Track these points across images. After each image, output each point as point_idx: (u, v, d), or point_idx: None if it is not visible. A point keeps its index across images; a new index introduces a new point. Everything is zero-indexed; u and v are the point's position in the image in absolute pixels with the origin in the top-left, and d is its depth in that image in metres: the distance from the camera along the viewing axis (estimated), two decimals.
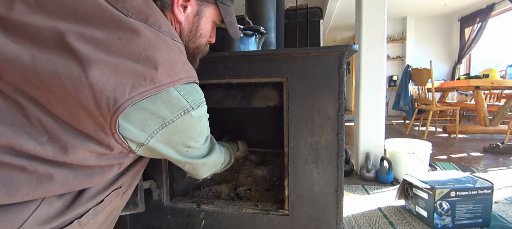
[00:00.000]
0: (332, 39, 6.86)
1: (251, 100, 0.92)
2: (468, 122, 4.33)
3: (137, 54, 0.45)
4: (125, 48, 0.44)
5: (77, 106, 0.41)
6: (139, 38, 0.46)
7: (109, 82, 0.42)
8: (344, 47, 0.74)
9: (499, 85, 2.82)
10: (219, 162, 0.73)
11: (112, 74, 0.42)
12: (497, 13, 4.58)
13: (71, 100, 0.41)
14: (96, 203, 0.52)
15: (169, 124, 0.49)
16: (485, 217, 1.05)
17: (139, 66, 0.44)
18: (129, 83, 0.43)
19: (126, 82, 0.43)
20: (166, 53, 0.48)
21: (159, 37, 0.49)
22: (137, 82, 0.44)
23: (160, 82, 0.45)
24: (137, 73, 0.44)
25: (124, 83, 0.43)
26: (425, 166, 1.56)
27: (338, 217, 0.81)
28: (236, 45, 0.91)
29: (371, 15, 1.66)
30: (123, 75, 0.43)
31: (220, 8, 0.64)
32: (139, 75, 0.44)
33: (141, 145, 0.49)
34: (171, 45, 0.51)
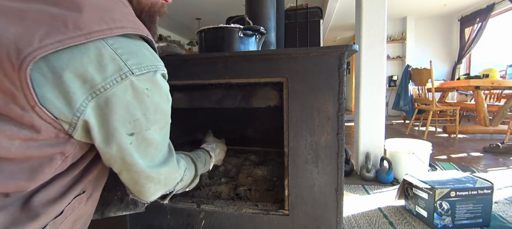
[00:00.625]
0: (332, 39, 6.86)
1: (251, 100, 0.92)
2: (468, 122, 4.33)
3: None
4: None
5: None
6: None
7: (9, 29, 0.32)
8: (344, 47, 0.74)
9: (499, 85, 2.82)
10: (173, 178, 0.54)
11: (16, 21, 0.33)
12: (497, 13, 4.58)
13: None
14: (54, 216, 0.40)
15: (101, 93, 0.36)
16: (485, 217, 1.05)
17: (56, 9, 0.34)
18: (41, 29, 0.33)
19: (36, 28, 0.33)
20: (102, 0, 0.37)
21: None
22: (54, 28, 0.33)
23: (89, 28, 0.35)
24: (52, 16, 0.34)
25: (32, 29, 0.33)
26: (425, 166, 1.57)
27: (338, 217, 0.81)
28: (236, 45, 0.91)
29: (371, 15, 1.66)
30: (32, 21, 0.33)
31: None
32: (56, 18, 0.34)
33: (73, 124, 0.37)
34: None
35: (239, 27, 0.90)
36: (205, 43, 0.94)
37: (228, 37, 0.90)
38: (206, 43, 0.94)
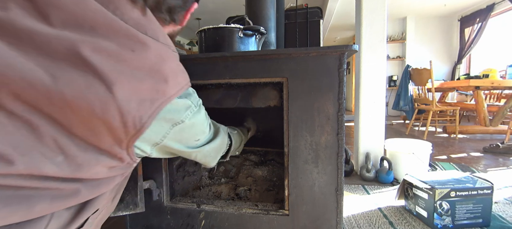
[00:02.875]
0: (332, 39, 6.86)
1: (251, 100, 0.92)
2: (468, 122, 4.33)
3: (150, 68, 0.45)
4: (140, 62, 0.44)
5: (100, 125, 0.41)
6: (150, 51, 0.46)
7: (133, 100, 0.42)
8: (344, 47, 0.74)
9: (499, 85, 2.82)
10: (223, 144, 0.75)
11: (134, 92, 0.43)
12: (497, 13, 4.58)
13: (96, 119, 0.40)
14: (93, 212, 0.52)
15: (179, 124, 0.52)
16: (485, 217, 1.05)
17: (153, 80, 0.45)
18: (148, 98, 0.44)
19: (146, 98, 0.44)
20: (171, 64, 0.49)
21: (162, 48, 0.49)
22: (154, 97, 0.45)
23: (169, 94, 0.47)
24: (152, 88, 0.45)
25: (145, 99, 0.44)
26: (425, 166, 1.57)
27: (338, 217, 0.81)
28: (236, 45, 0.91)
29: (371, 15, 1.66)
30: (143, 92, 0.44)
31: None
32: (154, 90, 0.45)
33: (155, 145, 0.52)
34: (172, 55, 0.52)
35: (239, 27, 0.90)
36: (205, 43, 0.94)
37: (228, 37, 0.90)
38: (206, 43, 0.94)
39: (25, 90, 0.36)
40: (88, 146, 0.42)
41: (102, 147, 0.43)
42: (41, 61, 0.38)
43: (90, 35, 0.41)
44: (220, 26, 0.90)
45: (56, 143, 0.39)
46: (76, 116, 0.39)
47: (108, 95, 0.40)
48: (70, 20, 0.40)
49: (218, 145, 0.71)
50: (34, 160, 0.37)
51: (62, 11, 0.40)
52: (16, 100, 0.36)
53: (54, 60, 0.38)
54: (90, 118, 0.40)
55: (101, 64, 0.40)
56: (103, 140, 0.42)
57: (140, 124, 0.44)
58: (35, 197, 0.38)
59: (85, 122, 0.40)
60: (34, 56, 0.37)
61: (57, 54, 0.38)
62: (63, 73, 0.38)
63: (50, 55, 0.38)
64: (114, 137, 0.43)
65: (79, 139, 0.41)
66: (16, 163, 0.35)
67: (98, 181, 0.47)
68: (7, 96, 0.35)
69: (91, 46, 0.40)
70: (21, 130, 0.37)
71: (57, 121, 0.39)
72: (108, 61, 0.41)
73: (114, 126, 0.41)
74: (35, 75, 0.36)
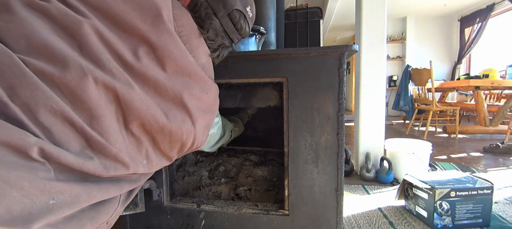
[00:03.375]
0: (332, 39, 6.86)
1: (251, 100, 0.92)
2: (468, 122, 4.33)
3: (211, 103, 0.62)
4: (208, 101, 0.61)
5: (179, 144, 0.55)
6: (213, 91, 0.63)
7: (201, 129, 0.59)
8: (344, 47, 0.74)
9: (499, 85, 2.82)
10: (227, 138, 0.94)
11: (202, 122, 0.59)
12: (497, 13, 4.58)
13: (180, 141, 0.55)
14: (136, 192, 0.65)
15: (209, 134, 0.69)
16: (485, 217, 1.05)
17: (211, 112, 0.63)
18: (207, 125, 0.63)
19: (207, 125, 0.62)
20: (216, 93, 0.66)
21: (215, 87, 0.65)
22: (209, 123, 0.64)
23: (214, 116, 0.66)
24: (210, 118, 0.63)
25: (206, 126, 0.62)
26: (425, 166, 1.57)
27: (338, 217, 0.81)
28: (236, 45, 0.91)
29: (371, 15, 1.66)
30: (206, 121, 0.61)
31: None
32: (211, 119, 0.64)
33: None
34: (216, 85, 0.66)
35: None
36: None
37: None
38: None
39: (151, 123, 0.50)
40: (161, 155, 0.55)
41: (169, 155, 0.56)
42: (158, 100, 0.52)
43: (187, 81, 0.55)
44: None
45: (146, 153, 0.52)
46: (169, 139, 0.53)
47: (192, 128, 0.56)
48: (178, 69, 0.54)
49: (223, 141, 0.92)
50: (136, 164, 0.49)
51: (173, 62, 0.53)
52: (141, 128, 0.50)
53: (165, 101, 0.53)
54: (176, 141, 0.54)
55: (192, 107, 0.56)
56: (173, 152, 0.56)
57: (201, 144, 0.61)
58: (123, 181, 0.50)
59: (172, 143, 0.54)
60: (153, 96, 0.51)
61: (168, 97, 0.53)
62: (171, 111, 0.53)
63: (163, 97, 0.52)
64: (180, 150, 0.57)
65: (160, 151, 0.54)
66: (130, 168, 0.47)
67: (151, 173, 0.59)
68: (135, 124, 0.49)
69: (188, 93, 0.55)
70: (133, 145, 0.50)
71: (154, 141, 0.52)
72: (195, 103, 0.56)
73: (187, 145, 0.57)
74: (159, 114, 0.51)
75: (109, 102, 0.46)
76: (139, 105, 0.48)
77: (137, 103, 0.48)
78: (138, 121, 0.49)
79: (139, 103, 0.48)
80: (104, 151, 0.44)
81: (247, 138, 1.40)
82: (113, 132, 0.46)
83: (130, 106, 0.48)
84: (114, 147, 0.45)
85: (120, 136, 0.47)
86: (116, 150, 0.45)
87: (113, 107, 0.47)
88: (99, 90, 0.44)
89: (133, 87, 0.48)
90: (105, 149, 0.44)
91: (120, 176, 0.49)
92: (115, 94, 0.46)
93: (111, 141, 0.45)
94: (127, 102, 0.47)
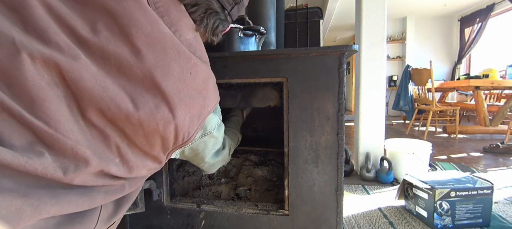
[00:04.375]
0: (332, 39, 6.86)
1: (251, 100, 0.92)
2: (468, 122, 4.33)
3: (200, 86, 0.51)
4: (195, 82, 0.50)
5: (158, 138, 0.47)
6: (201, 71, 0.51)
7: (186, 119, 0.49)
8: (344, 47, 0.74)
9: (499, 85, 2.82)
10: (226, 155, 0.81)
11: (188, 110, 0.49)
12: (497, 13, 4.58)
13: (157, 134, 0.46)
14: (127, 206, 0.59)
15: (207, 135, 0.61)
16: (485, 217, 1.05)
17: (201, 97, 0.51)
18: (196, 115, 0.51)
19: (195, 114, 0.51)
20: (212, 81, 0.56)
21: (206, 68, 0.55)
22: (200, 112, 0.52)
23: (210, 108, 0.55)
24: (201, 104, 0.51)
25: (194, 116, 0.50)
26: (425, 166, 1.57)
27: (338, 217, 0.81)
28: (236, 45, 0.91)
29: (371, 15, 1.66)
30: (194, 109, 0.50)
31: None
32: (202, 106, 0.52)
33: (182, 149, 0.58)
34: (211, 73, 0.57)
35: (239, 27, 0.90)
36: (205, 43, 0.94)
37: (228, 37, 0.90)
38: (206, 43, 0.94)
39: (111, 110, 0.41)
40: (140, 153, 0.47)
41: (151, 153, 0.48)
42: (123, 82, 0.43)
43: (161, 57, 0.45)
44: None
45: (118, 149, 0.44)
46: (142, 131, 0.45)
47: (170, 115, 0.46)
48: (147, 42, 0.44)
49: (223, 157, 0.79)
50: (103, 161, 0.41)
51: (141, 33, 0.44)
52: (100, 116, 0.41)
53: (133, 83, 0.43)
54: (152, 133, 0.45)
55: (168, 88, 0.45)
56: (154, 149, 0.48)
57: (188, 138, 0.51)
58: (95, 191, 0.43)
59: (147, 135, 0.45)
60: (117, 77, 0.43)
61: (135, 77, 0.43)
62: (139, 95, 0.44)
63: (130, 78, 0.43)
64: (163, 147, 0.48)
65: (136, 147, 0.46)
66: (93, 165, 0.39)
67: (137, 179, 0.52)
68: (93, 112, 0.41)
69: (162, 71, 0.45)
70: (96, 138, 0.42)
71: (125, 134, 0.44)
72: (173, 85, 0.46)
73: (169, 140, 0.48)
74: (121, 99, 0.42)
75: (55, 84, 0.38)
76: (91, 86, 0.39)
77: (88, 84, 0.39)
78: (94, 108, 0.40)
79: (91, 84, 0.39)
80: (56, 144, 0.36)
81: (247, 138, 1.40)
82: (64, 120, 0.38)
83: (80, 87, 0.39)
84: (68, 138, 0.37)
85: (75, 126, 0.39)
86: (72, 142, 0.37)
87: (60, 91, 0.39)
88: (37, 68, 0.36)
89: (83, 63, 0.39)
90: (57, 141, 0.36)
91: (90, 184, 0.41)
92: (59, 73, 0.38)
93: (62, 131, 0.37)
94: (76, 82, 0.39)
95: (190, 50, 0.50)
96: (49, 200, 0.34)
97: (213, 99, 0.56)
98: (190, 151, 0.62)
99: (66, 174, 0.36)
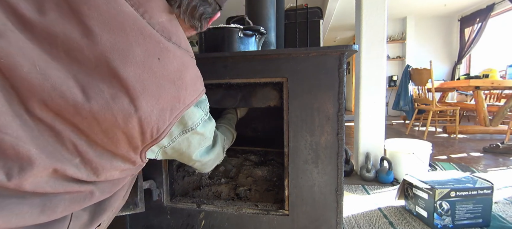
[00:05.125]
0: (332, 39, 6.86)
1: (251, 100, 0.92)
2: (468, 122, 4.33)
3: (173, 75, 0.44)
4: (164, 69, 0.43)
5: (120, 134, 0.41)
6: (174, 58, 0.45)
7: (154, 112, 0.42)
8: (344, 47, 0.74)
9: (499, 85, 2.82)
10: (220, 153, 0.75)
11: (156, 102, 0.42)
12: (497, 13, 4.58)
13: (117, 129, 0.40)
14: (110, 212, 0.55)
15: (189, 131, 0.53)
16: (485, 217, 1.05)
17: (175, 88, 0.45)
18: (168, 108, 0.44)
19: (166, 107, 0.44)
20: (191, 71, 0.49)
21: (183, 55, 0.48)
22: (174, 105, 0.45)
23: (188, 101, 0.48)
24: (174, 96, 0.45)
25: (165, 109, 0.44)
26: (425, 166, 1.57)
27: (338, 217, 0.81)
28: (236, 45, 0.91)
29: (371, 15, 1.66)
30: (164, 101, 0.43)
31: None
32: (175, 98, 0.45)
33: (162, 148, 0.52)
34: (192, 62, 0.51)
35: (239, 27, 0.90)
36: (205, 43, 0.94)
37: (228, 37, 0.90)
38: (206, 43, 0.94)
39: (54, 100, 0.36)
40: (104, 152, 0.42)
41: (118, 153, 0.43)
42: (74, 69, 0.37)
43: (120, 40, 0.39)
44: (220, 26, 0.90)
45: (75, 148, 0.40)
46: (98, 126, 0.39)
47: (131, 107, 0.40)
48: (102, 21, 0.38)
49: (216, 155, 0.72)
50: (56, 160, 0.37)
51: (95, 11, 0.38)
52: (44, 108, 0.36)
53: (85, 69, 0.38)
54: (111, 128, 0.40)
55: (128, 75, 0.39)
56: (120, 147, 0.42)
57: (158, 134, 0.44)
58: (56, 199, 0.39)
59: (106, 131, 0.40)
60: (67, 63, 0.37)
61: (87, 63, 0.38)
62: (92, 84, 0.38)
63: (82, 64, 0.38)
64: (131, 144, 0.43)
65: (97, 145, 0.41)
66: (36, 163, 0.35)
67: (110, 183, 0.48)
68: (36, 103, 0.36)
69: (120, 55, 0.39)
70: (44, 134, 0.37)
71: (79, 129, 0.39)
72: (135, 72, 0.40)
73: (133, 136, 0.42)
74: (67, 87, 0.37)
75: None
76: (28, 73, 0.34)
77: (25, 70, 0.34)
78: (36, 99, 0.35)
79: (27, 70, 0.34)
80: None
81: (247, 138, 1.40)
82: (0, 113, 0.33)
83: (16, 75, 0.34)
84: (5, 134, 0.33)
85: (15, 120, 0.34)
86: (11, 139, 0.33)
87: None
88: None
89: (18, 46, 0.34)
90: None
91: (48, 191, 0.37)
92: None
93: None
94: (10, 69, 0.34)
95: (163, 34, 0.44)
96: None
97: (192, 91, 0.49)
98: (172, 151, 0.55)
99: (10, 178, 0.32)
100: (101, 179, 0.44)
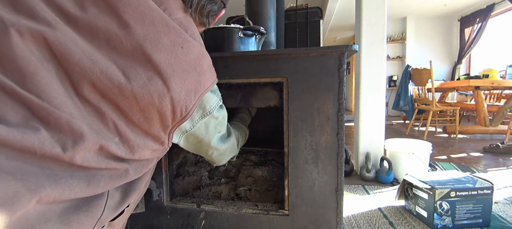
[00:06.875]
0: (332, 39, 6.86)
1: (251, 100, 0.92)
2: (468, 122, 4.33)
3: (194, 62, 0.51)
4: (187, 57, 0.50)
5: (155, 112, 0.47)
6: (193, 47, 0.51)
7: (182, 92, 0.48)
8: (344, 47, 0.74)
9: (499, 85, 2.82)
10: (235, 143, 0.80)
11: (183, 84, 0.48)
12: (497, 13, 4.58)
13: (153, 107, 0.46)
14: (137, 194, 0.58)
15: (207, 115, 0.59)
16: (485, 217, 1.05)
17: (196, 73, 0.51)
18: (192, 89, 0.50)
19: (191, 89, 0.50)
20: (207, 59, 0.56)
21: (199, 46, 0.54)
22: (196, 88, 0.51)
23: (207, 85, 0.54)
24: (196, 80, 0.51)
25: (190, 90, 0.50)
26: (425, 166, 1.57)
27: (338, 217, 0.81)
28: (236, 45, 0.91)
29: (371, 15, 1.66)
30: (189, 83, 0.50)
31: None
32: (197, 82, 0.52)
33: (185, 133, 0.58)
34: (206, 53, 0.58)
35: (239, 27, 0.90)
36: (205, 43, 0.93)
37: (228, 37, 0.90)
38: (206, 43, 0.93)
39: (102, 82, 0.42)
40: (139, 131, 0.47)
41: (151, 132, 0.48)
42: (114, 56, 0.43)
43: (150, 31, 0.46)
44: (220, 26, 0.90)
45: (116, 127, 0.44)
46: (137, 105, 0.45)
47: (164, 88, 0.46)
48: (136, 15, 0.45)
49: (232, 145, 0.77)
50: (102, 138, 0.41)
51: (128, 7, 0.45)
52: (93, 89, 0.42)
53: (123, 56, 0.44)
54: (148, 106, 0.45)
55: (160, 60, 0.45)
56: (153, 126, 0.48)
57: (186, 112, 0.50)
58: (98, 176, 0.42)
59: (143, 110, 0.45)
60: (108, 51, 0.43)
61: (125, 50, 0.44)
62: (130, 68, 0.44)
63: (120, 52, 0.44)
64: (162, 123, 0.48)
65: (134, 125, 0.46)
66: (90, 141, 0.39)
67: (141, 163, 0.52)
68: (86, 86, 0.41)
69: (152, 44, 0.45)
70: (91, 114, 0.42)
71: (120, 109, 0.44)
72: (165, 57, 0.46)
73: (166, 114, 0.47)
74: (112, 71, 0.42)
75: (45, 58, 0.39)
76: (80, 59, 0.40)
77: (77, 56, 0.40)
78: (87, 81, 0.41)
79: (80, 56, 0.40)
80: (51, 118, 0.36)
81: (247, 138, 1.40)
82: (57, 94, 0.38)
83: (69, 60, 0.39)
84: (62, 112, 0.37)
85: (69, 100, 0.39)
86: (67, 116, 0.37)
87: (51, 65, 0.39)
88: (26, 43, 0.37)
89: (70, 37, 0.40)
90: (51, 115, 0.36)
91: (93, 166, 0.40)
92: (47, 46, 0.39)
93: (55, 104, 0.37)
94: (64, 55, 0.39)
95: (181, 27, 0.51)
96: (48, 183, 0.33)
97: (210, 76, 0.56)
98: (192, 138, 0.60)
99: (65, 151, 0.36)
100: (136, 158, 0.48)
